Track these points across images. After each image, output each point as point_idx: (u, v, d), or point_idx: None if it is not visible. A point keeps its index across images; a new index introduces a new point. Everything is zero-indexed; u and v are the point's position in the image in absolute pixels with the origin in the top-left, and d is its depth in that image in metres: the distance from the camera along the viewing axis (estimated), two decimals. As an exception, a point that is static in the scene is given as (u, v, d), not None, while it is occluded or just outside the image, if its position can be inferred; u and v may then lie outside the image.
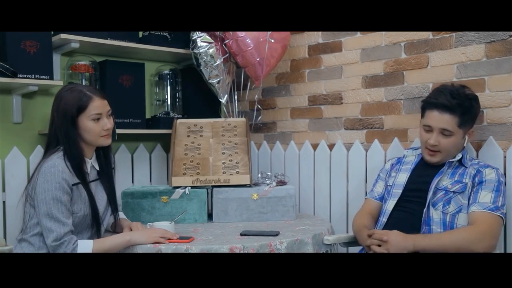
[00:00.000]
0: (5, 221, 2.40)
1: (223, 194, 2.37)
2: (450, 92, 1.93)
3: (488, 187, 1.87)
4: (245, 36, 2.60)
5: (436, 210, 1.91)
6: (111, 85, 2.63)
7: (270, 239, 1.92)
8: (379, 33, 2.52)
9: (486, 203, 1.84)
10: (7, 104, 2.49)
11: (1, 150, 2.44)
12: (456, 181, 1.92)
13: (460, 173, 1.95)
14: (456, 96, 1.91)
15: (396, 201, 2.02)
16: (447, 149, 1.94)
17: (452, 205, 1.90)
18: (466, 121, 1.92)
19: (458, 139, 1.94)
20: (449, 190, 1.91)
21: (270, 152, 3.02)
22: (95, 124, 1.90)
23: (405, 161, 2.14)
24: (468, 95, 1.94)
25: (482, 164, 1.97)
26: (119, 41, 2.63)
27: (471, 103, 1.93)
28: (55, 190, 1.78)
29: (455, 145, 1.95)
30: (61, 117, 1.87)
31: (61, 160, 1.84)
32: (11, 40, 2.25)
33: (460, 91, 1.94)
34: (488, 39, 2.15)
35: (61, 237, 1.76)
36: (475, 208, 1.84)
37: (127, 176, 2.88)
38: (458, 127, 1.91)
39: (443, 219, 1.89)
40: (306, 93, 2.87)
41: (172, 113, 2.88)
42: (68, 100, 1.87)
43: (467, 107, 1.92)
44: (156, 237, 1.88)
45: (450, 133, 1.91)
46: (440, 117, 1.91)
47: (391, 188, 2.09)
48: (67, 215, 1.80)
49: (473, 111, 1.95)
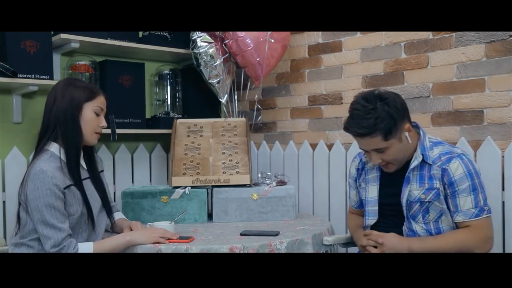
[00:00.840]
0: (5, 221, 2.41)
1: (223, 194, 2.37)
2: (358, 115, 1.76)
3: (463, 191, 1.75)
4: (245, 36, 2.60)
5: (417, 223, 1.83)
6: (111, 85, 2.63)
7: (270, 239, 1.92)
8: (379, 33, 2.52)
9: (470, 209, 1.75)
10: (7, 104, 2.49)
11: (1, 150, 2.45)
12: (428, 189, 1.80)
13: (427, 175, 1.81)
14: (365, 116, 1.74)
15: (375, 219, 1.95)
16: (393, 159, 1.81)
17: (431, 213, 1.82)
18: (390, 130, 1.74)
19: (397, 145, 1.78)
20: (424, 200, 1.81)
21: (269, 152, 3.02)
22: (95, 118, 1.90)
23: (368, 169, 2.00)
24: (377, 102, 1.75)
25: (444, 156, 1.79)
26: (119, 41, 2.63)
27: (384, 108, 1.73)
28: (46, 197, 1.75)
29: (399, 152, 1.80)
30: (68, 101, 1.86)
31: (49, 163, 1.80)
32: (11, 40, 2.25)
33: (367, 107, 1.75)
34: (488, 39, 2.15)
35: (59, 243, 1.74)
36: (461, 218, 1.76)
37: (127, 176, 2.88)
38: (386, 141, 1.75)
39: (427, 229, 1.82)
40: (306, 93, 2.87)
41: (172, 113, 2.88)
42: (77, 88, 1.89)
43: (382, 118, 1.73)
44: (156, 237, 1.88)
45: (384, 149, 1.78)
46: (364, 142, 1.79)
47: (366, 204, 1.97)
48: (62, 220, 1.77)
49: (391, 115, 1.74)
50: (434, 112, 2.33)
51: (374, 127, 1.73)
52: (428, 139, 1.86)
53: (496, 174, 2.09)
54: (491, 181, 2.09)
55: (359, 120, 1.76)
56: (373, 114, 1.73)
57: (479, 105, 2.18)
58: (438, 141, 1.87)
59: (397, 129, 1.76)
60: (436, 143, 1.85)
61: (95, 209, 1.92)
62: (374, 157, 1.81)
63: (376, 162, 1.82)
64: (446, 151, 1.81)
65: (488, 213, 1.77)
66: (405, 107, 1.82)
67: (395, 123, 1.75)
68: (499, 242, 2.07)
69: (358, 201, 2.08)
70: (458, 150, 1.82)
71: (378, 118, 1.73)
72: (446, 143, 1.88)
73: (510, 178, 2.05)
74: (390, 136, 1.75)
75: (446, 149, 1.82)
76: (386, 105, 1.74)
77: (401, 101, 1.81)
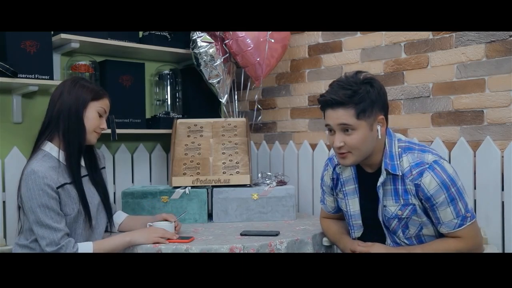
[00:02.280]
0: (5, 221, 2.41)
1: (223, 194, 2.37)
2: (339, 84, 1.70)
3: (441, 204, 1.67)
4: (245, 36, 2.60)
5: (398, 238, 1.78)
6: (111, 85, 2.63)
7: (270, 239, 1.92)
8: (379, 33, 2.52)
9: (451, 221, 1.68)
10: (7, 104, 2.49)
11: (1, 150, 2.44)
12: (404, 205, 1.72)
13: (402, 189, 1.72)
14: (346, 86, 1.68)
15: (361, 231, 1.89)
16: (356, 147, 1.69)
17: (411, 228, 1.75)
18: (364, 109, 1.66)
19: (365, 132, 1.68)
20: (401, 217, 1.73)
21: (269, 152, 3.02)
22: (97, 118, 1.91)
23: (344, 180, 1.89)
24: (362, 80, 1.70)
25: (415, 169, 1.69)
26: (119, 41, 2.63)
27: (366, 88, 1.67)
28: (39, 197, 1.75)
29: (364, 140, 1.69)
30: (74, 97, 1.87)
31: (41, 163, 1.80)
32: (11, 40, 2.25)
33: (350, 79, 1.70)
34: (488, 39, 2.15)
35: (57, 242, 1.75)
36: (445, 230, 1.70)
37: (127, 176, 2.88)
38: (357, 119, 1.66)
39: (409, 243, 1.76)
40: (306, 93, 2.87)
41: (172, 113, 2.88)
42: (84, 87, 1.90)
43: (361, 94, 1.66)
44: (156, 237, 1.88)
45: (352, 128, 1.67)
46: (335, 114, 1.68)
47: (349, 218, 1.89)
48: (57, 220, 1.77)
49: (370, 96, 1.67)
50: (434, 112, 2.33)
51: (350, 99, 1.66)
52: (397, 145, 1.75)
53: (495, 174, 2.09)
54: (491, 181, 2.10)
55: (338, 89, 1.69)
56: (354, 87, 1.67)
57: (479, 105, 2.18)
58: (408, 146, 1.75)
59: (372, 114, 1.68)
60: (406, 149, 1.74)
61: (93, 208, 1.91)
62: (337, 138, 1.70)
63: (337, 144, 1.70)
64: (417, 163, 1.69)
65: (471, 219, 1.69)
66: (386, 100, 1.74)
67: (372, 106, 1.67)
68: (499, 242, 2.07)
69: (336, 206, 2.00)
70: (429, 157, 1.69)
71: (357, 93, 1.66)
72: (416, 146, 1.76)
73: (510, 178, 2.05)
74: (363, 116, 1.67)
75: (416, 159, 1.70)
76: (369, 86, 1.68)
77: (385, 93, 1.74)
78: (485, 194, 2.11)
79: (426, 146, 1.77)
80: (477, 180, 2.14)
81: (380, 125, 1.71)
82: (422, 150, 1.73)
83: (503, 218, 2.08)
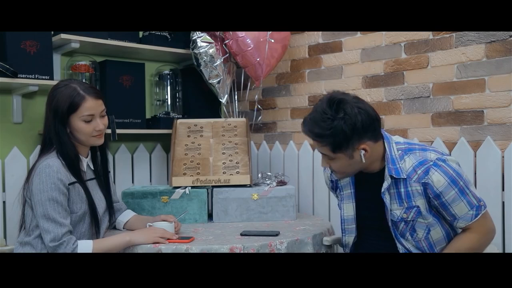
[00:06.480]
0: (5, 221, 2.41)
1: (223, 194, 2.37)
2: (311, 119, 1.68)
3: (454, 200, 1.67)
4: (245, 36, 2.60)
5: (407, 240, 1.76)
6: (111, 85, 2.63)
7: (270, 239, 1.92)
8: (379, 33, 2.52)
9: (467, 213, 1.68)
10: (7, 104, 2.49)
11: (1, 150, 2.44)
12: (408, 208, 1.71)
13: (404, 192, 1.71)
14: (319, 123, 1.64)
15: (353, 236, 1.88)
16: (341, 171, 1.75)
17: (418, 231, 1.74)
18: (340, 145, 1.64)
19: (345, 161, 1.69)
20: (407, 219, 1.73)
21: (269, 152, 3.02)
22: (86, 125, 1.87)
23: (342, 185, 1.90)
24: (335, 114, 1.63)
25: (419, 168, 1.68)
26: (119, 41, 2.63)
27: (339, 124, 1.62)
28: (50, 190, 1.78)
29: (348, 166, 1.72)
30: (52, 115, 1.86)
31: (55, 160, 1.83)
32: (11, 40, 2.25)
33: (324, 115, 1.64)
34: (488, 39, 2.15)
35: (59, 237, 1.76)
36: (463, 224, 1.70)
37: (127, 176, 2.88)
38: (333, 153, 1.67)
39: (419, 247, 1.76)
40: (306, 93, 2.87)
41: (172, 113, 2.88)
42: (60, 98, 1.85)
43: (333, 131, 1.62)
44: (156, 237, 1.88)
45: (330, 158, 1.70)
46: (314, 143, 1.72)
47: (342, 222, 1.90)
48: (64, 216, 1.79)
49: (344, 131, 1.62)
50: (434, 112, 2.33)
51: (322, 138, 1.65)
52: (396, 148, 1.74)
53: (496, 174, 2.09)
54: (491, 181, 2.10)
55: (313, 123, 1.67)
56: (328, 124, 1.63)
57: (479, 105, 2.18)
58: (408, 148, 1.74)
59: (348, 147, 1.65)
60: (406, 151, 1.73)
61: (100, 210, 1.94)
62: (322, 160, 1.75)
63: (323, 165, 1.77)
64: (420, 161, 1.69)
65: (484, 208, 1.70)
66: (367, 125, 1.65)
67: (347, 141, 1.64)
68: (499, 242, 2.07)
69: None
70: (432, 155, 1.69)
71: (331, 130, 1.63)
72: (416, 146, 1.75)
73: (510, 178, 2.05)
74: (339, 151, 1.66)
75: (419, 158, 1.70)
76: (343, 121, 1.62)
77: (364, 119, 1.64)
78: (486, 194, 2.10)
79: (427, 146, 1.78)
80: (477, 180, 2.14)
81: (363, 151, 1.68)
82: (423, 149, 1.74)
83: (503, 218, 2.08)
